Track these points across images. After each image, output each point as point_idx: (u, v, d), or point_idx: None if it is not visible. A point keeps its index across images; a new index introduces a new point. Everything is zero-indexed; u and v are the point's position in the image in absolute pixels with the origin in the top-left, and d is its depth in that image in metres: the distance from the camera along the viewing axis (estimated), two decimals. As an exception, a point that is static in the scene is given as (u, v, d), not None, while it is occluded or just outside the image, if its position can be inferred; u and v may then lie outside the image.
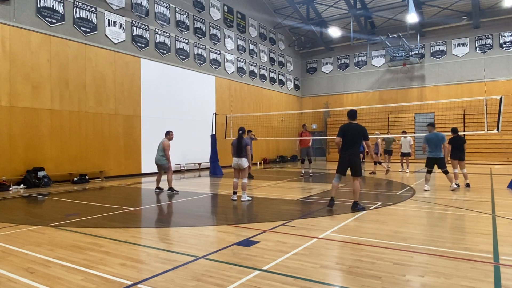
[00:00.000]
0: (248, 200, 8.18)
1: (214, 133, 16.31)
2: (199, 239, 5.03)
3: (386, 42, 21.13)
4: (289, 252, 4.30)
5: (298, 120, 25.83)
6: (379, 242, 4.70)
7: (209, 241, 5.08)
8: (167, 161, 9.82)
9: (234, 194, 8.50)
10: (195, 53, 18.20)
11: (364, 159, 14.93)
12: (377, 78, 25.33)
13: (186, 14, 17.82)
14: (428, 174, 9.63)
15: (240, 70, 21.54)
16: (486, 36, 21.93)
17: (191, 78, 17.89)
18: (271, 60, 24.82)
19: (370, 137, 14.57)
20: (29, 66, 11.69)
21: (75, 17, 12.99)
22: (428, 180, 9.64)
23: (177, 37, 17.15)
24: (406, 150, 15.34)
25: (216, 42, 19.67)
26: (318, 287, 3.28)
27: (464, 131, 17.43)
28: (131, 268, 3.83)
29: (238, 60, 21.42)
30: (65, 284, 3.41)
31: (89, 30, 13.39)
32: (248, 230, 5.41)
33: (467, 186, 10.07)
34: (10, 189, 10.69)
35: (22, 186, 11.05)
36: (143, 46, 15.44)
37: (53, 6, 12.33)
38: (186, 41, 17.67)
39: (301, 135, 14.20)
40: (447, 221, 6.13)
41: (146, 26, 15.61)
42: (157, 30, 16.11)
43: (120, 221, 6.28)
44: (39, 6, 11.96)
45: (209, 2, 19.35)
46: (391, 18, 23.03)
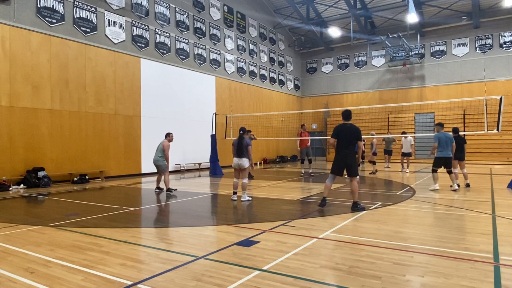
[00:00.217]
0: (248, 200, 8.18)
1: (214, 133, 16.31)
2: (199, 239, 5.03)
3: (386, 42, 21.13)
4: (289, 252, 4.30)
5: (298, 120, 25.82)
6: (379, 242, 4.70)
7: (209, 241, 5.08)
8: (166, 161, 9.81)
9: (234, 194, 8.50)
10: (195, 53, 18.20)
11: (364, 159, 14.93)
12: (377, 78, 25.33)
13: (186, 14, 17.82)
14: (435, 173, 9.60)
15: (240, 70, 21.54)
16: (486, 36, 21.93)
17: (191, 78, 17.89)
18: (271, 60, 24.82)
19: (366, 137, 14.71)
20: (29, 66, 11.69)
21: (75, 17, 12.99)
22: (437, 179, 9.59)
23: (177, 37, 17.15)
24: (407, 150, 15.33)
25: (216, 42, 19.68)
26: (318, 287, 3.28)
27: (464, 131, 17.42)
28: (131, 268, 3.83)
29: (238, 60, 21.42)
30: (65, 284, 3.41)
31: (89, 30, 13.39)
32: (248, 230, 5.41)
33: (467, 186, 10.08)
34: (10, 189, 10.69)
35: (22, 186, 11.05)
36: (143, 46, 15.45)
37: (53, 6, 12.33)
38: (186, 41, 17.67)
39: (300, 135, 14.20)
40: (447, 221, 6.13)
41: (146, 26, 15.61)
42: (157, 30, 16.11)
43: (120, 221, 6.28)
44: (39, 6, 11.96)
45: (209, 2, 19.35)
46: (391, 18, 23.04)
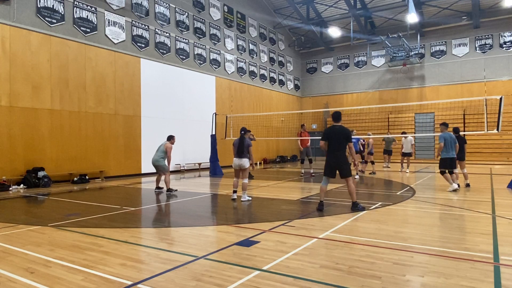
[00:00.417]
0: (248, 200, 8.18)
1: (214, 133, 16.31)
2: (199, 239, 5.02)
3: (386, 42, 21.13)
4: (289, 252, 4.29)
5: (298, 120, 25.82)
6: (379, 242, 4.70)
7: (209, 241, 5.08)
8: (168, 162, 9.85)
9: (234, 193, 8.50)
10: (195, 53, 18.20)
11: (364, 160, 14.92)
12: (377, 78, 25.33)
13: (186, 14, 17.82)
14: (446, 174, 9.41)
15: (240, 70, 21.54)
16: (486, 36, 21.93)
17: (191, 78, 17.89)
18: (271, 60, 24.82)
19: (362, 137, 14.71)
20: (29, 66, 11.69)
21: (75, 17, 12.99)
22: (450, 178, 9.38)
23: (177, 37, 17.15)
24: (407, 150, 15.33)
25: (216, 42, 19.68)
26: (318, 287, 3.28)
27: (464, 131, 17.43)
28: (131, 268, 3.83)
29: (238, 60, 21.41)
30: (65, 284, 3.41)
31: (89, 30, 13.39)
32: (248, 230, 5.41)
33: (467, 186, 10.08)
34: (10, 189, 10.69)
35: (22, 186, 11.05)
36: (143, 46, 15.44)
37: (53, 6, 12.33)
38: (186, 41, 17.67)
39: (300, 135, 14.19)
40: (447, 221, 6.13)
41: (146, 26, 15.61)
42: (157, 30, 16.11)
43: (120, 221, 6.28)
44: (39, 6, 11.96)
45: (209, 2, 19.35)
46: (391, 18, 23.04)
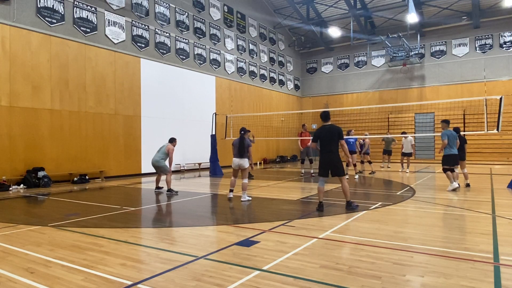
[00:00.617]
0: (248, 200, 8.18)
1: (214, 133, 16.31)
2: (199, 239, 5.02)
3: (386, 42, 21.12)
4: (289, 252, 4.29)
5: (298, 120, 25.82)
6: (379, 242, 4.70)
7: (209, 241, 5.08)
8: (169, 163, 9.88)
9: (231, 192, 8.52)
10: (195, 53, 18.20)
11: (364, 160, 14.92)
12: (377, 78, 25.33)
13: (186, 14, 17.82)
14: (448, 172, 9.39)
15: (240, 70, 21.54)
16: (486, 36, 21.93)
17: (191, 78, 17.89)
18: (271, 60, 24.82)
19: (359, 137, 14.69)
20: (29, 66, 11.69)
21: (75, 17, 12.99)
22: (452, 177, 9.36)
23: (177, 37, 17.15)
24: (407, 150, 15.33)
25: (216, 42, 19.67)
26: (318, 287, 3.28)
27: (464, 131, 17.42)
28: (131, 268, 3.83)
29: (238, 60, 21.41)
30: (65, 284, 3.41)
31: (89, 30, 13.39)
32: (248, 230, 5.41)
33: (467, 186, 10.07)
34: (10, 189, 10.69)
35: (22, 186, 11.05)
36: (143, 46, 15.44)
37: (53, 6, 12.33)
38: (186, 41, 17.67)
39: (300, 135, 14.19)
40: (447, 221, 6.13)
41: (146, 26, 15.61)
42: (157, 30, 16.11)
43: (120, 221, 6.28)
44: (39, 6, 11.96)
45: (209, 2, 19.35)
46: (391, 18, 23.03)
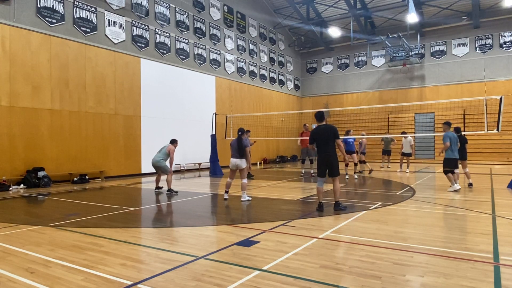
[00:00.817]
0: (248, 200, 8.18)
1: (214, 133, 16.30)
2: (199, 239, 5.03)
3: (386, 42, 21.12)
4: (289, 252, 4.30)
5: (298, 120, 25.81)
6: (379, 242, 4.70)
7: (209, 241, 5.08)
8: (170, 164, 9.89)
9: (226, 193, 8.53)
10: (195, 53, 18.20)
11: (360, 160, 14.91)
12: (377, 78, 25.32)
13: (186, 14, 17.82)
14: (450, 174, 9.36)
15: (240, 70, 21.53)
16: (486, 36, 21.93)
17: (191, 78, 17.89)
18: (271, 60, 24.81)
19: (357, 137, 14.71)
20: (29, 66, 11.68)
21: (75, 17, 12.99)
22: (452, 178, 9.33)
23: (177, 37, 17.14)
24: (407, 150, 15.32)
25: (216, 42, 19.67)
26: (318, 287, 3.28)
27: (464, 131, 17.42)
28: (131, 268, 3.83)
29: (238, 60, 21.41)
30: (65, 284, 3.41)
31: (89, 30, 13.39)
32: (248, 230, 5.41)
33: (470, 185, 10.04)
34: (10, 189, 10.69)
35: (22, 186, 11.05)
36: (143, 46, 15.44)
37: (53, 6, 12.33)
38: (186, 41, 17.67)
39: (301, 135, 14.18)
40: (447, 221, 6.13)
41: (146, 26, 15.61)
42: (157, 30, 16.11)
43: (120, 221, 6.28)
44: (39, 6, 11.96)
45: (209, 2, 19.35)
46: (391, 18, 23.03)
